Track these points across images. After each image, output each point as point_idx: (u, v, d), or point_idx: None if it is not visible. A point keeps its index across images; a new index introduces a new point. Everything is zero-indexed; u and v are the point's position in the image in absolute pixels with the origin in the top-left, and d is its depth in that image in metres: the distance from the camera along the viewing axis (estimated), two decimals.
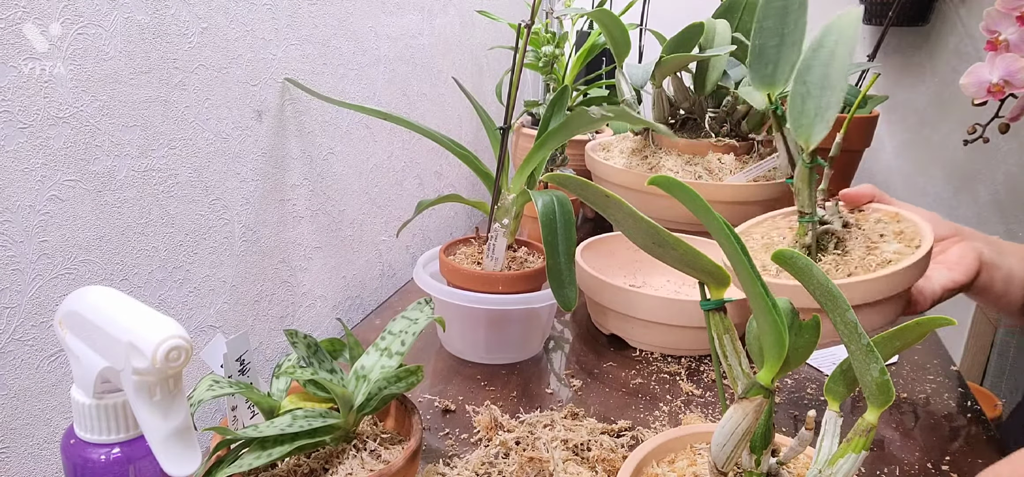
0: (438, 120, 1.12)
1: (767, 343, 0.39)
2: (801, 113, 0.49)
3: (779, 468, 0.45)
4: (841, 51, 0.49)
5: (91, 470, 0.35)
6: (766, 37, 0.57)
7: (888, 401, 0.38)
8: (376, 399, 0.51)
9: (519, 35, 0.72)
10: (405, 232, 1.03)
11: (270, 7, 0.68)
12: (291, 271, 0.77)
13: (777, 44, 0.56)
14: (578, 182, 0.42)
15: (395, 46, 0.94)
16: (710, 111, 1.02)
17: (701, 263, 0.41)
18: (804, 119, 0.49)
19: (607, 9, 0.90)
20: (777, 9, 0.56)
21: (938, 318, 0.40)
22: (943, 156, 1.46)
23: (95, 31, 0.50)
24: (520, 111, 1.30)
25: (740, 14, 1.05)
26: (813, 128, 0.49)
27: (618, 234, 0.92)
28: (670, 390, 0.73)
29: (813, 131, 0.49)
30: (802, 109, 0.49)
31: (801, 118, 0.49)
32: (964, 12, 1.37)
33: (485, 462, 0.59)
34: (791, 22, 0.56)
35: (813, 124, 0.49)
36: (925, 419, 0.71)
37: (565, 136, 0.71)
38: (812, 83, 0.49)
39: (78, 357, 0.34)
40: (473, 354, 0.77)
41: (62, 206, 0.50)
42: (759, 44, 0.57)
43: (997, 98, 0.78)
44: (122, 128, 0.53)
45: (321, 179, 0.80)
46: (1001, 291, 0.63)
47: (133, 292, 0.56)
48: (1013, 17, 0.74)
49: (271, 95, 0.70)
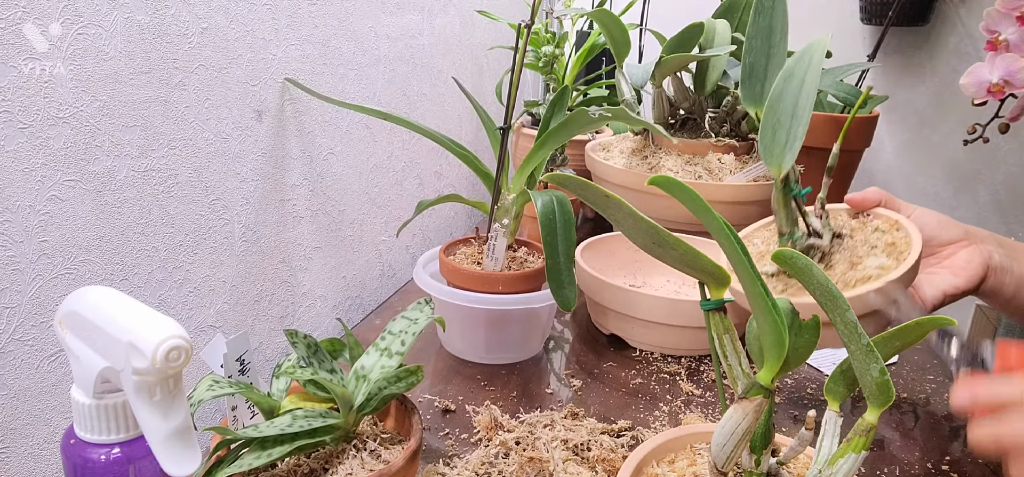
0: (438, 120, 1.12)
1: (767, 343, 0.39)
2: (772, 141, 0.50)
3: (779, 468, 0.45)
4: (810, 79, 0.50)
5: (91, 470, 0.35)
6: (756, 56, 0.58)
7: (888, 401, 0.38)
8: (376, 399, 0.51)
9: (519, 35, 0.72)
10: (405, 232, 1.03)
11: (270, 7, 0.68)
12: (291, 271, 0.77)
13: (765, 64, 0.57)
14: (578, 182, 0.42)
15: (395, 46, 0.94)
16: (710, 111, 1.02)
17: (701, 263, 0.41)
18: (775, 148, 0.50)
19: (607, 9, 0.90)
20: (763, 29, 0.58)
21: (938, 318, 0.40)
22: (943, 156, 1.46)
23: (95, 31, 0.50)
24: (520, 111, 1.30)
25: (740, 14, 1.05)
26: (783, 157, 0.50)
27: (618, 234, 0.92)
28: (670, 390, 0.73)
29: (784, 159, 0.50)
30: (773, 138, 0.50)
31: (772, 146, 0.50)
32: (964, 12, 1.37)
33: (485, 462, 0.59)
34: (776, 43, 0.57)
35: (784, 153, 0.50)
36: (925, 419, 0.71)
37: (565, 136, 0.71)
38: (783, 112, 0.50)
39: (78, 357, 0.34)
40: (473, 354, 0.77)
41: (62, 206, 0.50)
42: (750, 62, 0.58)
43: (997, 98, 0.78)
44: (122, 128, 0.53)
45: (321, 179, 0.80)
46: (1011, 295, 0.62)
47: (133, 292, 0.56)
48: (1013, 17, 0.74)
49: (271, 95, 0.70)
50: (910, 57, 1.45)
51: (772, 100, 0.50)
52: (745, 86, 0.58)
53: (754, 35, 0.58)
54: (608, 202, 0.40)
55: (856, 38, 1.48)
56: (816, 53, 0.51)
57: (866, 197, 0.63)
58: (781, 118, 0.49)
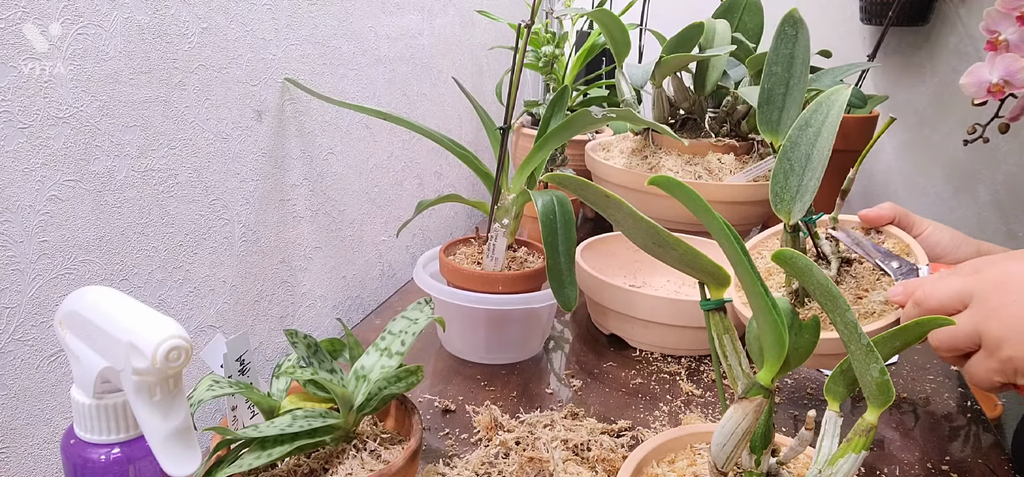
0: (438, 120, 1.12)
1: (767, 343, 0.39)
2: (784, 188, 0.50)
3: (779, 468, 0.45)
4: (826, 134, 0.50)
5: (91, 470, 0.35)
6: (775, 82, 0.58)
7: (888, 401, 0.38)
8: (376, 399, 0.51)
9: (519, 35, 0.72)
10: (405, 232, 1.03)
11: (270, 7, 0.68)
12: (291, 271, 0.77)
13: (784, 92, 0.58)
14: (578, 182, 0.42)
15: (395, 46, 0.94)
16: (710, 111, 1.02)
17: (701, 263, 0.41)
18: (786, 194, 0.50)
19: (607, 9, 0.90)
20: (784, 57, 0.58)
21: (938, 318, 0.40)
22: (943, 156, 1.46)
23: (95, 31, 0.50)
24: (520, 111, 1.30)
25: (740, 14, 1.05)
26: (793, 206, 0.50)
27: (618, 234, 0.92)
28: (670, 390, 0.73)
29: (793, 209, 0.50)
30: (785, 184, 0.50)
31: (784, 192, 0.50)
32: (964, 12, 1.37)
33: (485, 462, 0.59)
34: (796, 73, 0.58)
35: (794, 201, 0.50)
36: (925, 419, 0.71)
37: (566, 136, 0.71)
38: (796, 161, 0.50)
39: (78, 357, 0.34)
40: (473, 354, 0.77)
41: (62, 206, 0.50)
42: (768, 87, 0.58)
43: (997, 98, 0.78)
44: (122, 128, 0.53)
45: (321, 179, 0.80)
46: None
47: (133, 292, 0.56)
48: (1013, 17, 0.74)
49: (271, 95, 0.70)
50: (910, 57, 1.45)
51: (787, 146, 0.50)
52: (762, 110, 0.59)
53: (775, 60, 0.59)
54: (608, 202, 0.40)
55: (856, 38, 1.48)
56: (834, 106, 0.51)
57: (880, 214, 0.63)
58: (794, 165, 0.50)
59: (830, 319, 0.38)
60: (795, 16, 0.59)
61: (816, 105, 0.52)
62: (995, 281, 0.47)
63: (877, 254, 0.59)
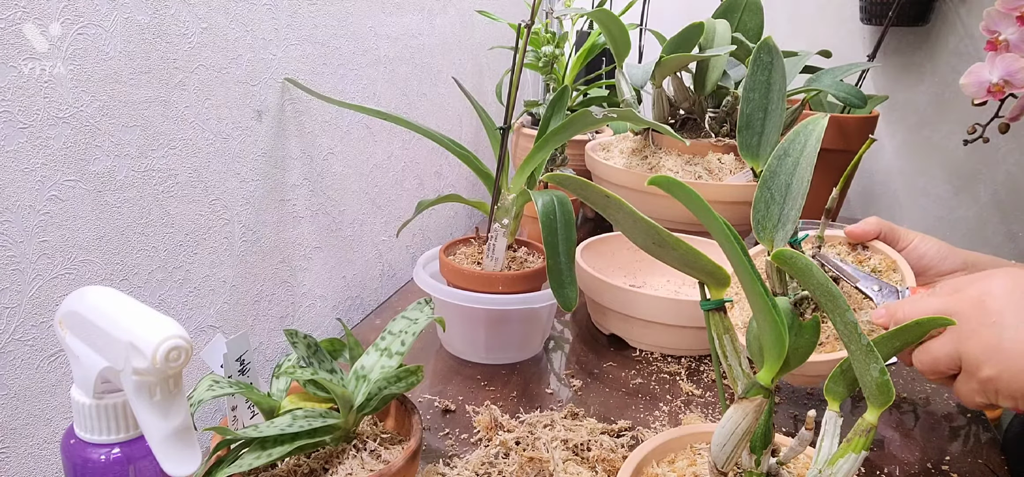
0: (438, 120, 1.12)
1: (767, 343, 0.39)
2: (765, 217, 0.50)
3: (779, 468, 0.45)
4: (804, 164, 0.51)
5: (91, 470, 0.35)
6: (753, 108, 0.59)
7: (888, 401, 0.38)
8: (376, 399, 0.51)
9: (519, 35, 0.72)
10: (405, 232, 1.03)
11: (270, 7, 0.68)
12: (291, 271, 0.77)
13: (762, 118, 0.58)
14: (578, 182, 0.42)
15: (395, 46, 0.94)
16: (710, 111, 1.02)
17: (701, 263, 0.41)
18: (767, 224, 0.50)
19: (607, 9, 0.90)
20: (761, 83, 0.59)
21: (938, 318, 0.40)
22: (943, 156, 1.46)
23: (95, 31, 0.50)
24: (520, 111, 1.30)
25: (740, 14, 1.05)
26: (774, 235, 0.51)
27: (618, 234, 0.92)
28: (670, 390, 0.73)
29: (775, 238, 0.51)
30: (766, 213, 0.50)
31: (765, 221, 0.50)
32: (964, 12, 1.37)
33: (485, 462, 0.59)
34: (774, 99, 0.58)
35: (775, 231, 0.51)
36: (925, 419, 0.71)
37: (566, 136, 0.71)
38: (776, 191, 0.51)
39: (78, 357, 0.34)
40: (473, 354, 0.77)
41: (62, 206, 0.50)
42: (747, 112, 0.59)
43: (997, 98, 0.78)
44: (122, 128, 0.53)
45: (321, 179, 0.80)
46: None
47: (133, 292, 0.56)
48: (1013, 17, 0.74)
49: (271, 95, 0.70)
50: (910, 57, 1.45)
51: (767, 175, 0.50)
52: (742, 134, 0.59)
53: (752, 87, 0.59)
54: (608, 202, 0.40)
55: (856, 38, 1.48)
56: (812, 136, 0.51)
57: (865, 230, 0.63)
58: (774, 194, 0.50)
59: (830, 319, 0.38)
60: (770, 44, 0.59)
61: (793, 135, 0.52)
62: (973, 301, 0.47)
63: (859, 277, 0.59)
